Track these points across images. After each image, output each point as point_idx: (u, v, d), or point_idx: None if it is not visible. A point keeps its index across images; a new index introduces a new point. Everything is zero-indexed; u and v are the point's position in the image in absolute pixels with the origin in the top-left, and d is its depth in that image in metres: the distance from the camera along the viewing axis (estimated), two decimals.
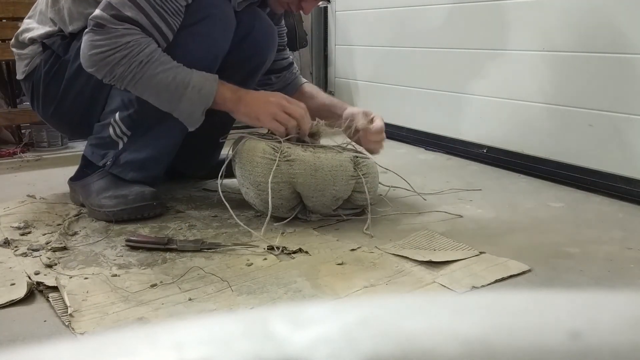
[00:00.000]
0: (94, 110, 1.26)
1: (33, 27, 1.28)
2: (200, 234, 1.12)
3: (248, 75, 1.30)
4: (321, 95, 1.47)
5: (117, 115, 1.22)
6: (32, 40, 1.26)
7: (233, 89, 1.16)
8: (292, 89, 1.49)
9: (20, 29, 1.30)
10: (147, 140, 1.22)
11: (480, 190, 1.40)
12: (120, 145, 1.23)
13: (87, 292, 0.87)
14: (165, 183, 1.46)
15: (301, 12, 1.33)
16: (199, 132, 1.28)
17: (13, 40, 1.30)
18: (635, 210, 1.26)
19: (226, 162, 1.18)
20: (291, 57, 1.56)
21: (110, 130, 1.22)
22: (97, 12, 1.10)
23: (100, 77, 1.12)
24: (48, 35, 1.25)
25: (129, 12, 1.09)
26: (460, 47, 1.75)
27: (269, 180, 1.09)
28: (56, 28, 1.25)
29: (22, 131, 2.01)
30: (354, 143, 1.28)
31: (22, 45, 1.28)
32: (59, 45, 1.24)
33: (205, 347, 0.15)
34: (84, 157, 1.29)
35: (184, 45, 1.16)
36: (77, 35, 1.22)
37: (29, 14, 1.32)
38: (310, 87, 1.51)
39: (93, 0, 1.18)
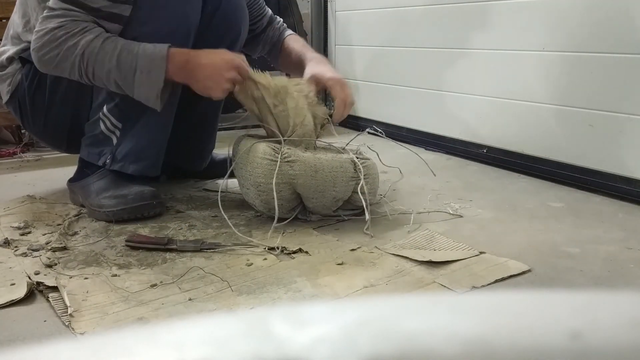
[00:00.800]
0: (83, 111, 1.26)
1: (7, 49, 1.28)
2: (200, 234, 1.12)
3: (229, 48, 1.28)
4: (294, 52, 1.40)
5: (104, 108, 1.22)
6: (10, 60, 1.27)
7: (182, 62, 1.11)
8: (276, 49, 1.44)
9: None
10: (139, 128, 1.22)
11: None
12: (114, 141, 1.23)
13: (87, 292, 0.87)
14: (165, 183, 1.46)
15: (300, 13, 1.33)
16: (189, 118, 1.27)
17: None
18: (635, 210, 1.26)
19: (232, 166, 1.18)
20: (269, 11, 1.48)
21: (101, 125, 1.23)
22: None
23: (51, 73, 1.15)
24: (24, 50, 1.25)
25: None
26: (461, 47, 1.75)
27: (273, 181, 1.08)
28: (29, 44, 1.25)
29: (22, 131, 2.01)
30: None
31: (1, 67, 1.29)
32: None
33: (205, 347, 0.15)
34: (81, 159, 1.29)
35: (151, 22, 1.13)
36: None
37: (3, 42, 1.32)
38: (288, 42, 1.43)
39: None
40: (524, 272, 0.93)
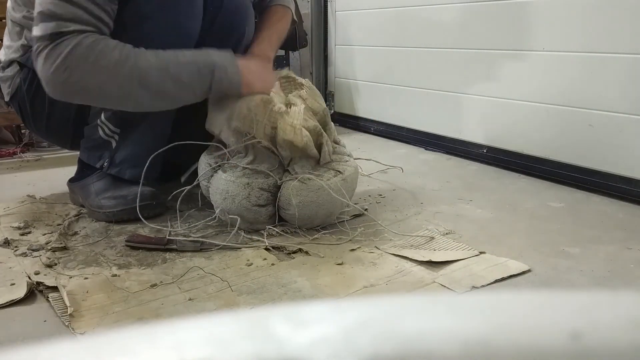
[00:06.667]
0: (84, 115, 1.26)
1: (10, 45, 1.25)
2: (200, 234, 1.11)
3: (233, 49, 1.23)
4: (264, 28, 1.33)
5: (102, 115, 1.22)
6: (9, 62, 1.25)
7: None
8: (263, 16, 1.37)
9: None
10: (137, 134, 1.22)
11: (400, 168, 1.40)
12: (114, 144, 1.23)
13: (87, 292, 0.87)
14: (165, 183, 1.46)
15: (300, 13, 1.31)
16: (188, 125, 1.27)
17: None
18: (635, 210, 1.26)
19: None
20: None
21: (100, 131, 1.23)
22: (37, 31, 1.00)
23: (78, 100, 1.07)
24: (24, 51, 1.21)
25: (68, 13, 0.99)
26: (460, 47, 1.75)
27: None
28: (25, 41, 1.21)
29: (22, 131, 2.01)
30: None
31: (2, 68, 1.27)
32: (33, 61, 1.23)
33: (205, 347, 0.15)
34: (80, 160, 1.29)
35: (152, 38, 1.08)
36: None
37: (5, 36, 1.27)
38: (268, 14, 1.35)
39: None
40: (524, 272, 0.93)
